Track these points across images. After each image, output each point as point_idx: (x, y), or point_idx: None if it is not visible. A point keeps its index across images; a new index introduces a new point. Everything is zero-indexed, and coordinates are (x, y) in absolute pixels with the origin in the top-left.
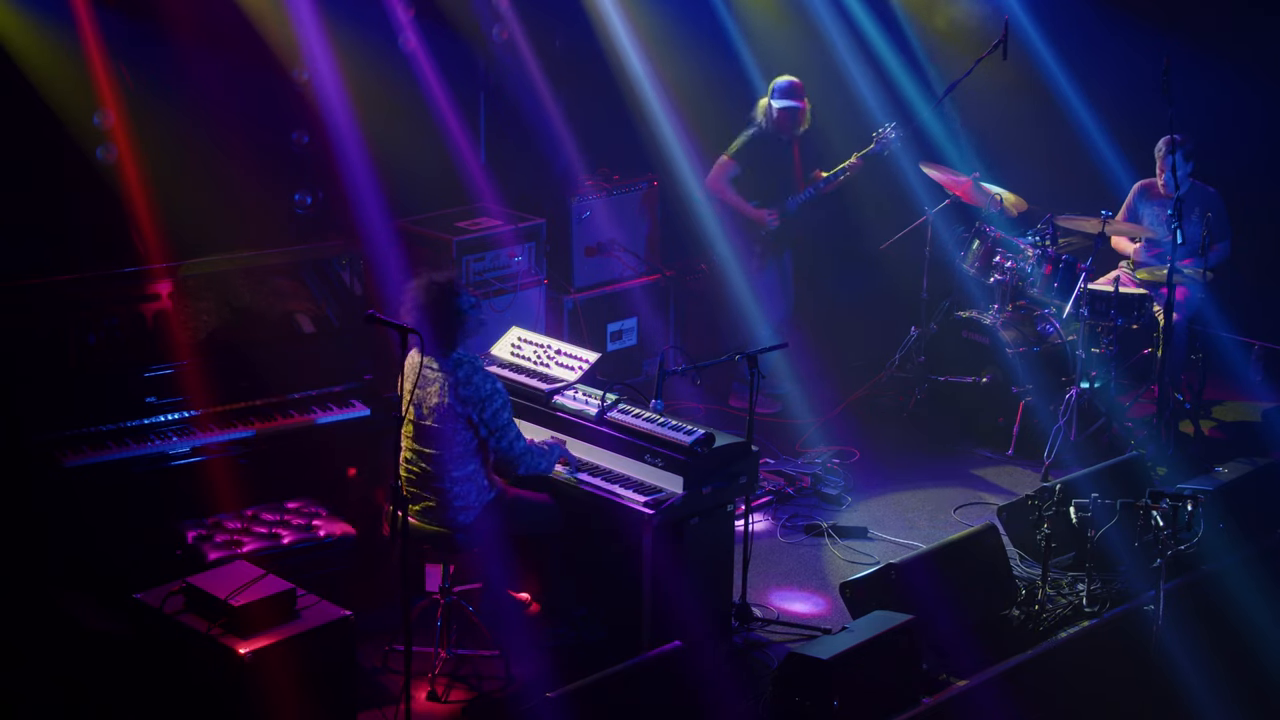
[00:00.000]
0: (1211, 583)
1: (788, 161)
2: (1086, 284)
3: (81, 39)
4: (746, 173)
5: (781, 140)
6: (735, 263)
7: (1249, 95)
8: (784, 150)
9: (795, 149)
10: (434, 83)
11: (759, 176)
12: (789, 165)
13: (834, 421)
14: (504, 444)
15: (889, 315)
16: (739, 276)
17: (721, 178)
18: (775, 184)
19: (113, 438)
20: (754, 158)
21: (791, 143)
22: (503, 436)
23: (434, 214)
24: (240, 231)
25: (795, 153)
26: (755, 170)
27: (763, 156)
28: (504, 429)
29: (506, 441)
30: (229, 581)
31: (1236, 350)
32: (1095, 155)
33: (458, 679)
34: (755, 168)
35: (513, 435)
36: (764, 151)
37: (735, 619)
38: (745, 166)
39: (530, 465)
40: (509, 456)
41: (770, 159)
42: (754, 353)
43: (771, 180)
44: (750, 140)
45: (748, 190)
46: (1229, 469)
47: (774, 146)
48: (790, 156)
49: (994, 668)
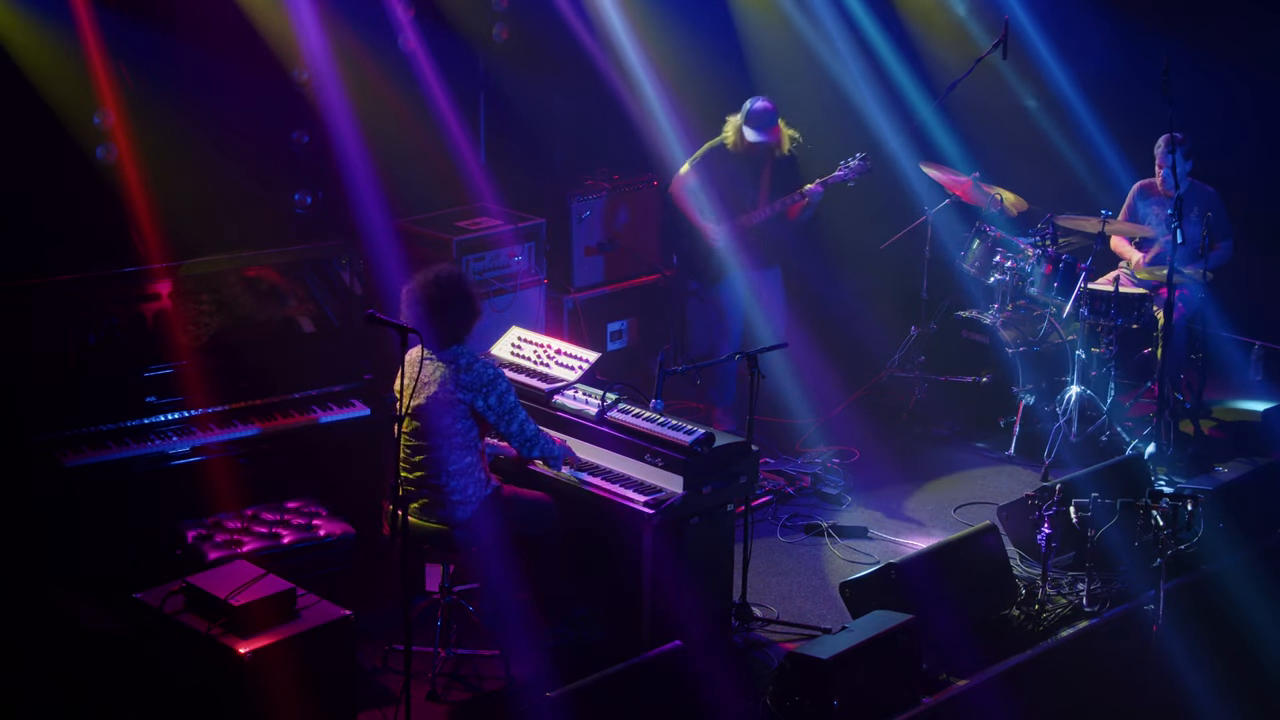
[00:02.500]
0: (1211, 583)
1: (752, 181)
2: (1086, 284)
3: (81, 39)
4: (704, 185)
5: (749, 158)
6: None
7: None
8: (750, 168)
9: (767, 169)
10: (434, 83)
11: (717, 191)
12: (753, 185)
13: (834, 421)
14: (514, 426)
15: (889, 315)
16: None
17: (680, 187)
18: (733, 203)
19: (113, 437)
20: (713, 172)
21: (762, 162)
22: (513, 419)
23: (434, 214)
24: (240, 231)
25: (766, 174)
26: (713, 185)
27: (723, 172)
28: (513, 411)
29: (518, 424)
30: (229, 581)
31: (1236, 350)
32: (1095, 155)
33: (458, 679)
34: (713, 182)
35: (523, 417)
36: (725, 168)
37: (735, 619)
38: (703, 179)
39: (545, 449)
40: (524, 438)
41: (731, 176)
42: (754, 353)
43: (730, 198)
44: (712, 153)
45: (703, 204)
46: (1229, 469)
47: (740, 164)
48: (757, 176)
49: (994, 668)
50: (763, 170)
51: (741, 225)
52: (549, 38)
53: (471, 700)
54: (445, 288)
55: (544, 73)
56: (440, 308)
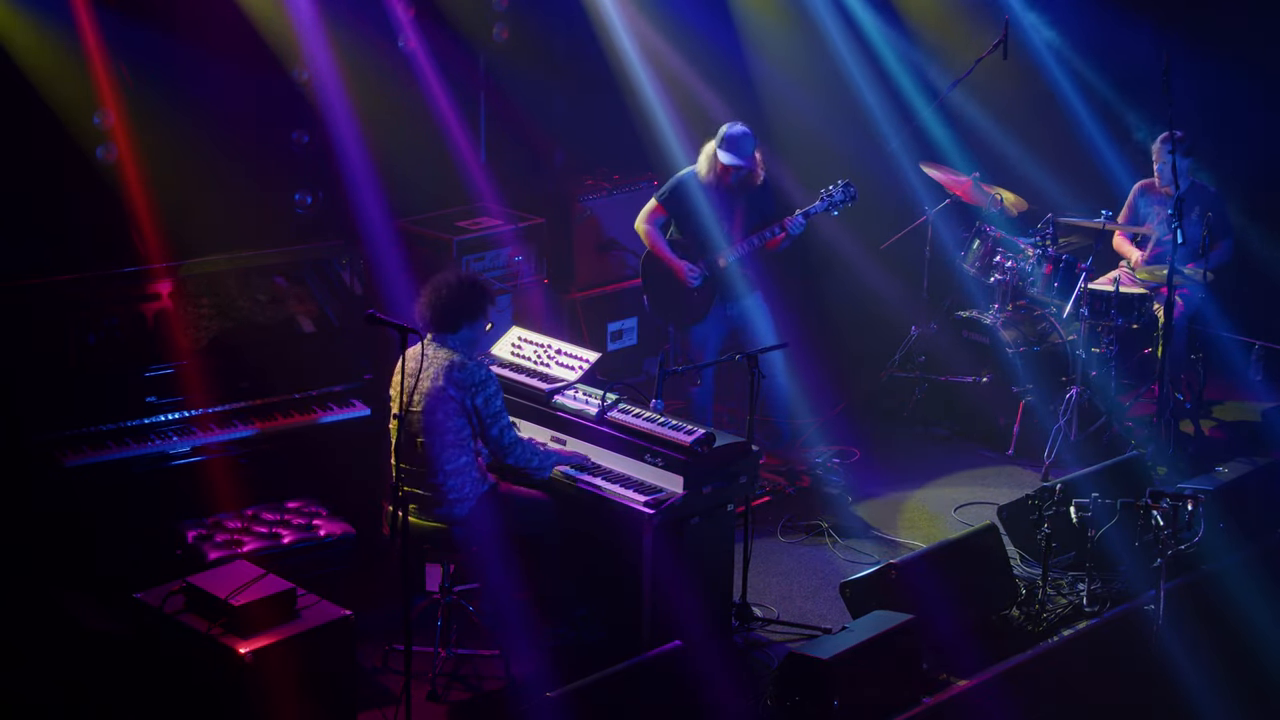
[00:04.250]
0: (1211, 583)
1: (726, 213)
2: (1086, 284)
3: (81, 39)
4: (677, 220)
5: (723, 189)
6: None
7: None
8: (723, 200)
9: (741, 201)
10: (434, 83)
11: (690, 225)
12: (727, 218)
13: (834, 421)
14: (495, 431)
15: (889, 315)
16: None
17: (648, 221)
18: (708, 237)
19: (113, 437)
20: (682, 205)
21: (736, 193)
22: (495, 424)
23: (434, 214)
24: (240, 231)
25: (740, 205)
26: (685, 219)
27: (695, 204)
28: (497, 416)
29: (498, 429)
30: (229, 581)
31: (1236, 350)
32: (1095, 155)
33: (458, 679)
34: (686, 216)
35: (504, 424)
36: (696, 200)
37: (735, 619)
38: (675, 213)
39: (520, 458)
40: (500, 445)
41: (704, 208)
42: (754, 353)
43: (704, 232)
44: (681, 185)
45: (675, 238)
46: (1229, 469)
47: (712, 193)
48: (731, 208)
49: (994, 668)
50: (737, 202)
51: (719, 263)
52: (549, 38)
53: (471, 700)
54: (465, 278)
55: (544, 73)
56: (454, 291)
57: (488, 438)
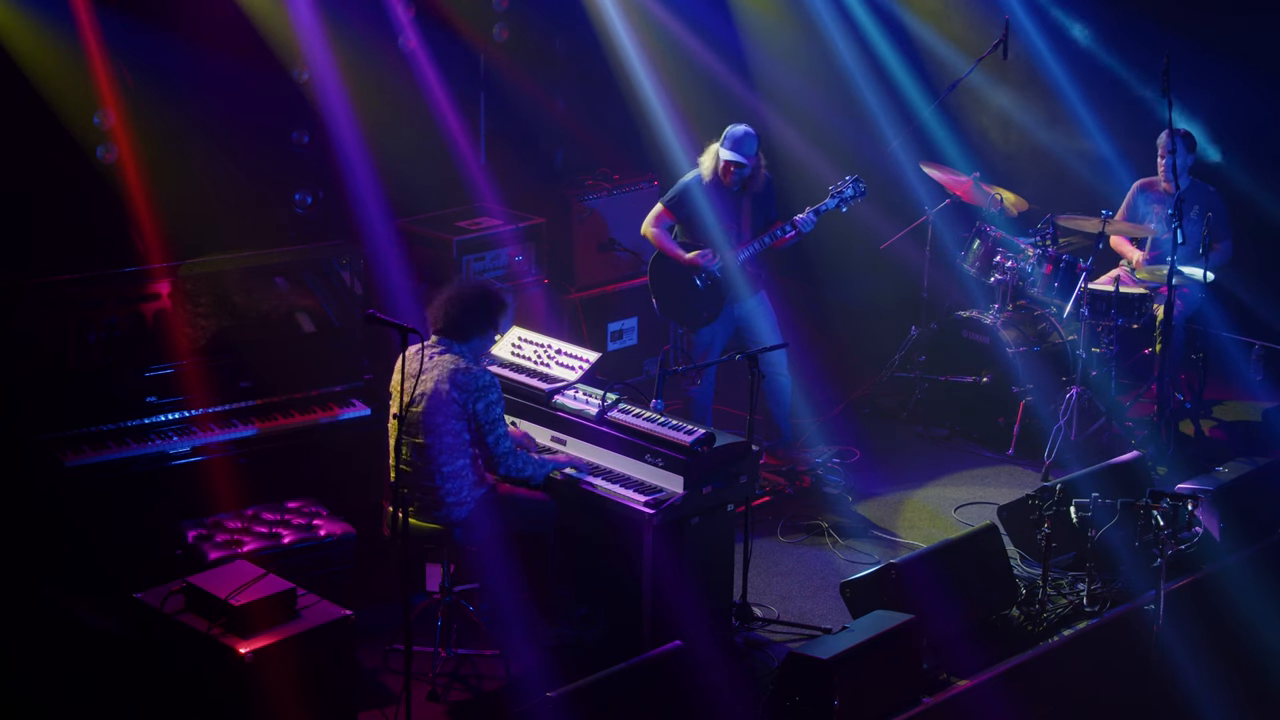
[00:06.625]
0: (1211, 583)
1: (732, 214)
2: (1086, 284)
3: (81, 39)
4: (684, 223)
5: (728, 190)
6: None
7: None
8: (728, 201)
9: (746, 201)
10: (434, 83)
11: (696, 228)
12: (733, 218)
13: (834, 421)
14: (490, 439)
15: (889, 315)
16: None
17: (655, 225)
18: (715, 238)
19: (113, 437)
20: (691, 207)
21: (740, 194)
22: (491, 431)
23: (434, 214)
24: (240, 231)
25: (745, 205)
26: (693, 221)
27: (702, 206)
28: (494, 424)
29: (494, 438)
30: (229, 581)
31: (1236, 350)
32: (1095, 155)
33: (458, 679)
34: (693, 218)
35: (500, 433)
36: (702, 202)
37: (735, 619)
38: (681, 217)
39: (511, 467)
40: (493, 454)
41: (710, 210)
42: (754, 353)
43: (711, 234)
44: (688, 188)
45: (683, 243)
46: (1229, 469)
47: (717, 196)
48: (737, 209)
49: (994, 668)
50: (742, 203)
51: (727, 262)
52: (549, 38)
53: (471, 700)
54: (485, 292)
55: (544, 73)
56: (471, 304)
57: (482, 445)
